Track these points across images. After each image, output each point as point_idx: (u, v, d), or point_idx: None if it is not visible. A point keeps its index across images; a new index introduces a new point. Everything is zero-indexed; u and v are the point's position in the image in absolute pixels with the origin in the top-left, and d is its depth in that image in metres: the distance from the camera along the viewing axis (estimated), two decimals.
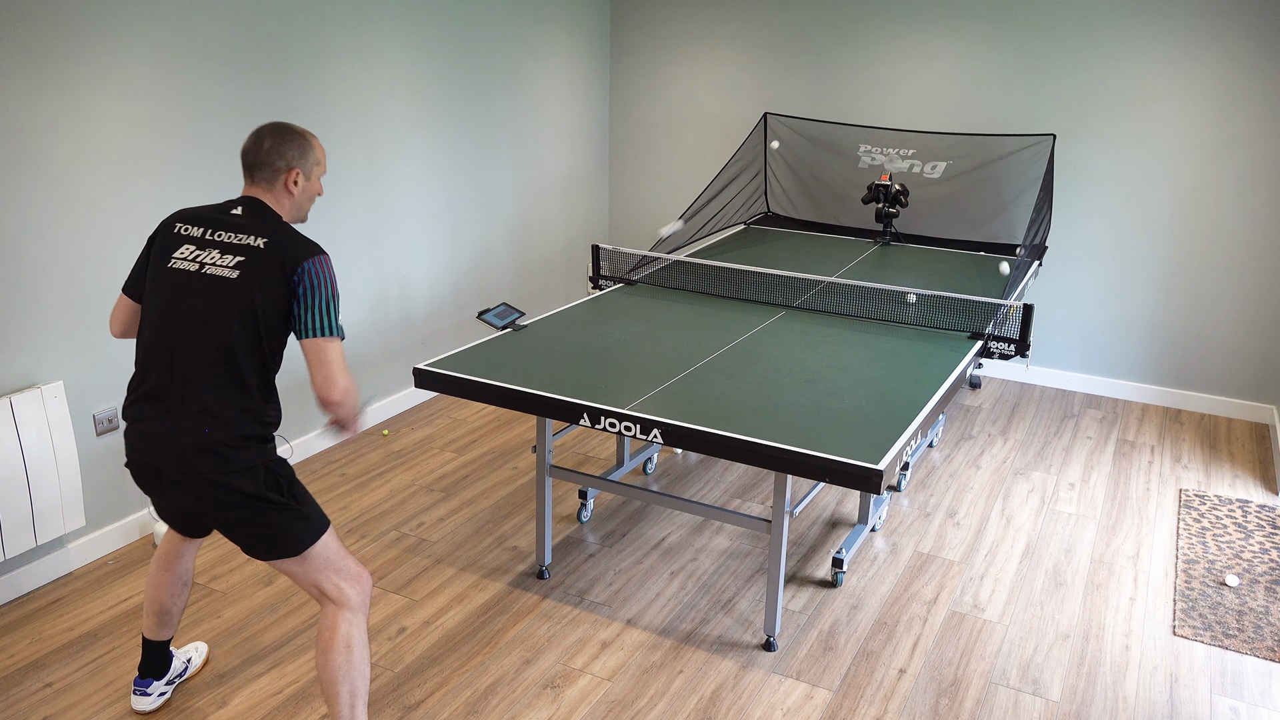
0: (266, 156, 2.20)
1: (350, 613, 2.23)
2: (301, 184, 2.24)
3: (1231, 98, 4.35)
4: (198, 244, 2.17)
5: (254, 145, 2.21)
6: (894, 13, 4.91)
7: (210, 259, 2.14)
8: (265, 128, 2.23)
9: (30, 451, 2.97)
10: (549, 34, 5.15)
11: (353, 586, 2.25)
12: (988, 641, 2.93)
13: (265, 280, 2.10)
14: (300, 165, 2.23)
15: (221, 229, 2.18)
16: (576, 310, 3.53)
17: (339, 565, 2.24)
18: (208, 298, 2.12)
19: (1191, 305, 4.64)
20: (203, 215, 2.22)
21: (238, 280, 2.11)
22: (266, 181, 2.21)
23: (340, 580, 2.24)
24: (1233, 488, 3.95)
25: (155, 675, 2.57)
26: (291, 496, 2.19)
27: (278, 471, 2.18)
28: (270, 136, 2.21)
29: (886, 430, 2.57)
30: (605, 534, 3.51)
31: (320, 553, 2.22)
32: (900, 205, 4.66)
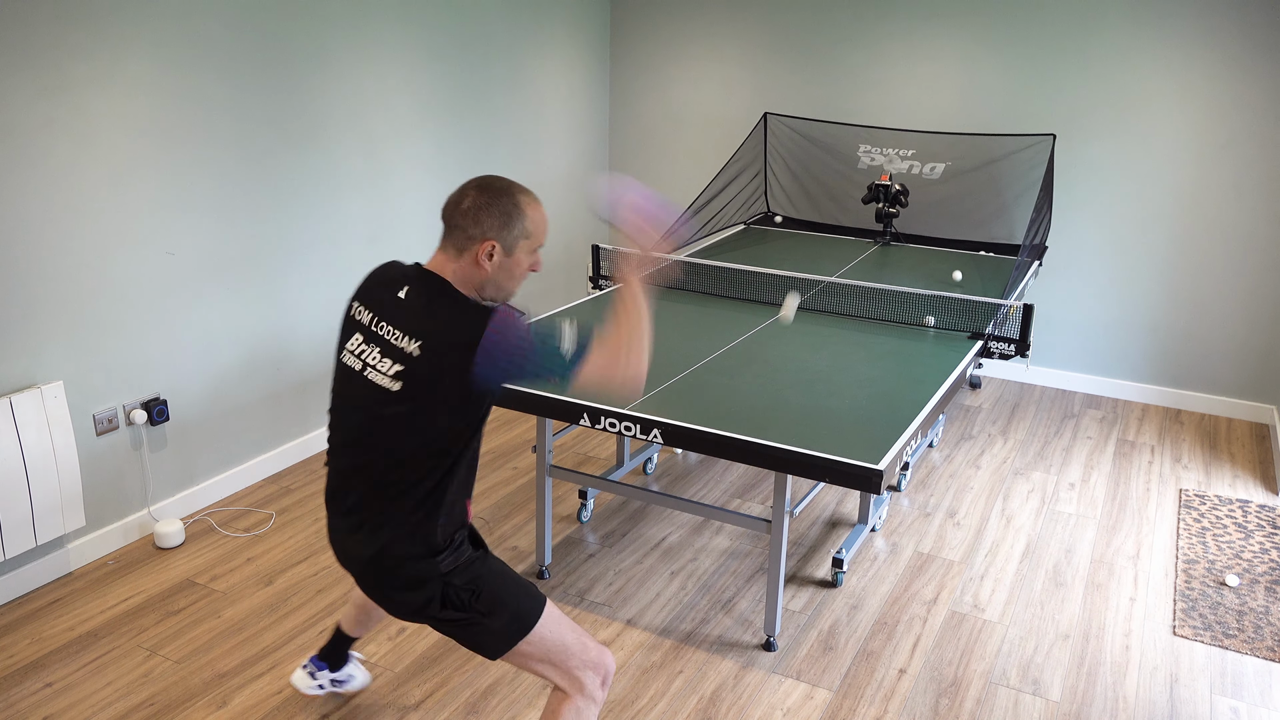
0: (462, 220, 1.85)
1: (582, 699, 2.01)
2: (498, 259, 1.86)
3: (1231, 98, 4.35)
4: (365, 335, 1.89)
5: (454, 202, 1.88)
6: (894, 13, 4.91)
7: (372, 359, 1.86)
8: (474, 183, 1.87)
9: (30, 451, 2.97)
10: (549, 34, 5.15)
11: (588, 672, 2.01)
12: (988, 641, 2.93)
13: (435, 395, 1.80)
14: (499, 238, 1.85)
15: (387, 320, 1.86)
16: (576, 310, 3.53)
17: (564, 654, 1.99)
18: (368, 406, 1.85)
19: (1191, 305, 4.64)
20: (375, 296, 1.91)
21: (400, 395, 1.82)
22: (455, 248, 1.87)
23: (573, 668, 2.00)
24: (1233, 488, 3.95)
25: (330, 664, 2.48)
26: (475, 609, 1.94)
27: (457, 584, 1.93)
28: (474, 196, 1.86)
29: (886, 430, 2.57)
30: (605, 534, 3.51)
31: (529, 652, 1.98)
32: (900, 205, 4.66)
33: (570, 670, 2.00)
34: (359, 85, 4.03)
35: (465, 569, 1.95)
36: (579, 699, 2.01)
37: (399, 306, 1.87)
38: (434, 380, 1.80)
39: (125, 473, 3.36)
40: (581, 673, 2.01)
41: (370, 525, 1.90)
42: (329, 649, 2.51)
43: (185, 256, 3.43)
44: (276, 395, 3.88)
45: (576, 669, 2.01)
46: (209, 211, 3.49)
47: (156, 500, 3.49)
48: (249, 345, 3.71)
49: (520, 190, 1.89)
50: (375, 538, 1.90)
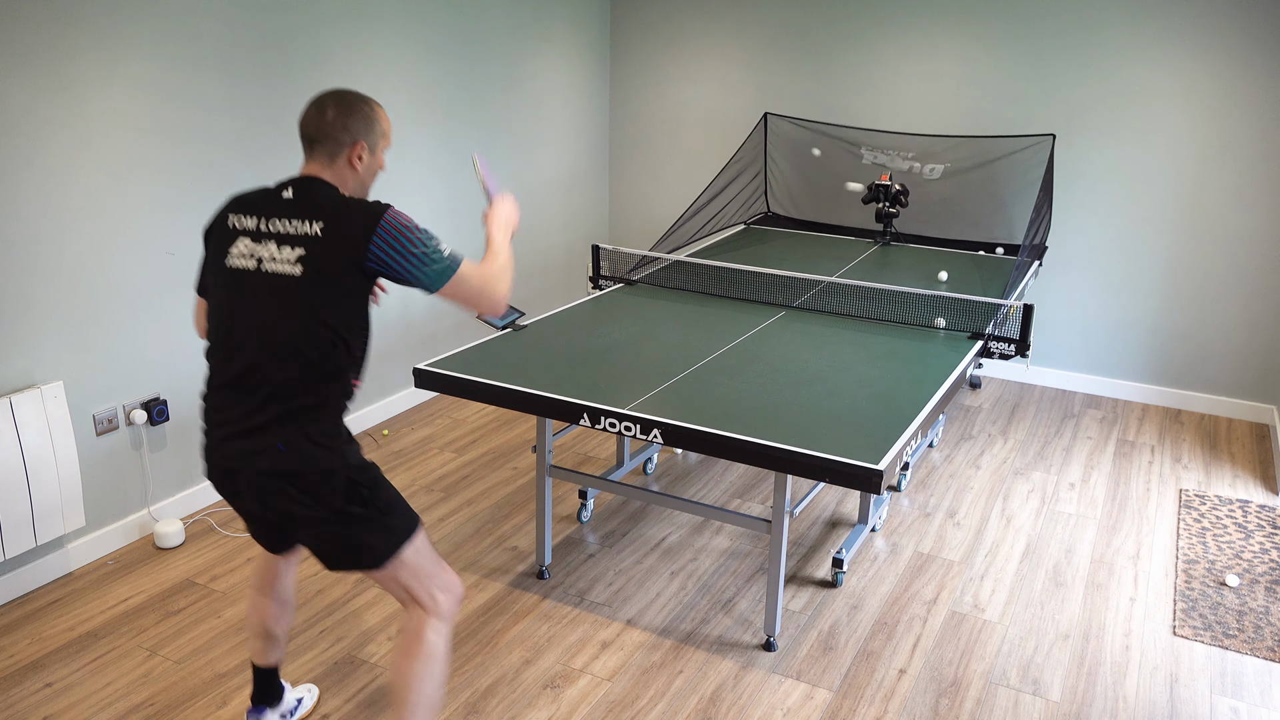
0: (330, 129, 2.01)
1: (439, 621, 2.11)
2: (366, 159, 2.06)
3: (1232, 98, 4.35)
4: (253, 237, 1.98)
5: (315, 116, 2.02)
6: (894, 13, 4.91)
7: (269, 254, 1.96)
8: (327, 95, 2.03)
9: (30, 451, 2.97)
10: (549, 33, 5.15)
11: (444, 594, 2.12)
12: (988, 641, 2.93)
13: (334, 271, 1.92)
14: (366, 139, 2.04)
15: (276, 216, 1.98)
16: (576, 310, 3.53)
17: (430, 571, 2.10)
18: (271, 298, 1.94)
19: (1191, 305, 4.64)
20: (254, 202, 2.02)
21: (303, 277, 1.93)
22: (328, 156, 2.02)
23: (432, 587, 2.10)
24: (1233, 488, 3.95)
25: (268, 703, 2.44)
26: (374, 507, 2.02)
27: (359, 480, 2.01)
28: (334, 106, 2.01)
29: (886, 430, 2.57)
30: (605, 534, 3.51)
31: (408, 560, 2.07)
32: (900, 205, 4.66)
33: (432, 589, 2.11)
34: (359, 84, 4.03)
35: (365, 467, 2.04)
36: (436, 619, 2.11)
37: (288, 203, 1.99)
38: (335, 258, 1.92)
39: (125, 473, 3.36)
40: (441, 593, 2.12)
41: (276, 420, 1.95)
42: (258, 690, 2.44)
43: (185, 256, 3.43)
44: None
45: (438, 588, 2.12)
46: (209, 211, 3.49)
47: (156, 500, 3.49)
48: None
49: (369, 98, 2.08)
50: (283, 430, 1.95)
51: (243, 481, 2.00)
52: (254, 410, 1.97)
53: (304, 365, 1.94)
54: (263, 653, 2.40)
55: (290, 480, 1.96)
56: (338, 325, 1.95)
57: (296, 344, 1.93)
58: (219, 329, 2.01)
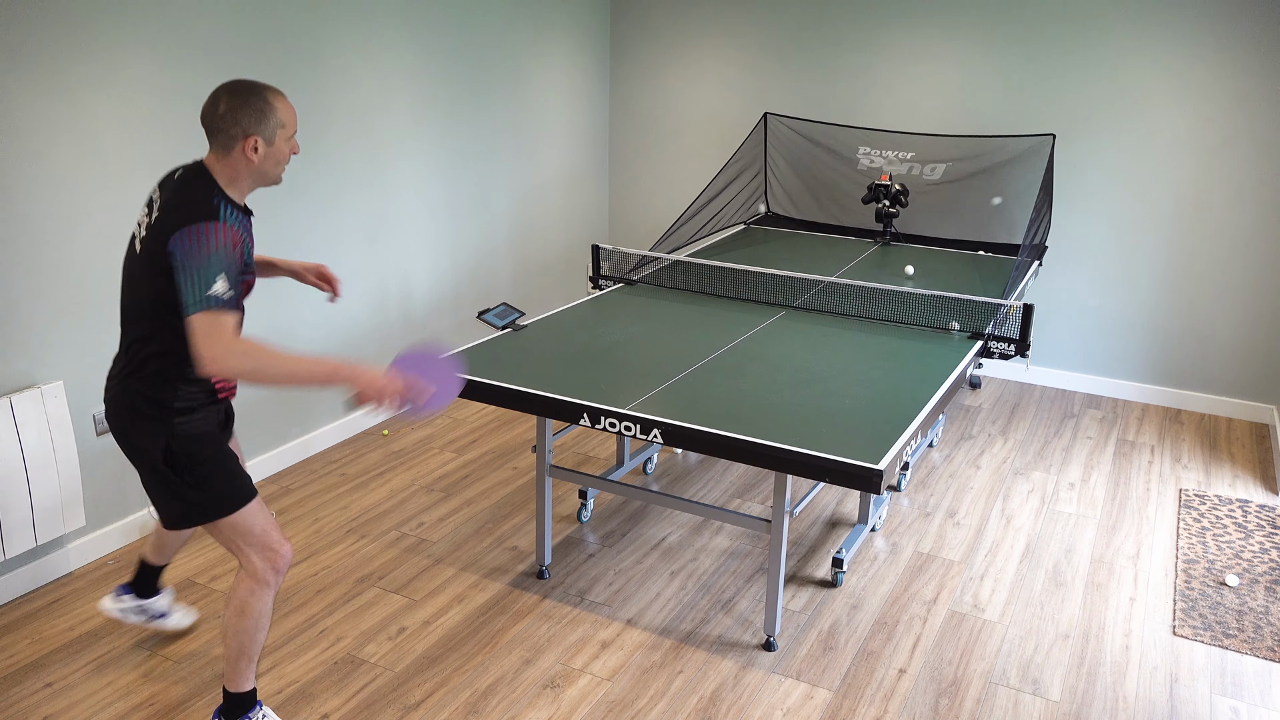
0: (221, 122, 2.10)
1: (254, 582, 2.30)
2: (263, 150, 2.14)
3: (1231, 98, 4.35)
4: (148, 209, 2.18)
5: (210, 109, 2.12)
6: (894, 13, 4.91)
7: (141, 228, 2.17)
8: (223, 87, 2.11)
9: (30, 451, 2.97)
10: (549, 34, 5.15)
11: (262, 558, 2.30)
12: (988, 641, 2.93)
13: (155, 256, 2.09)
14: (259, 132, 2.12)
15: (157, 199, 2.17)
16: (576, 310, 3.53)
17: (249, 540, 2.29)
18: (130, 267, 2.18)
19: (1191, 305, 4.64)
20: (166, 178, 2.21)
21: (140, 256, 2.14)
22: (222, 148, 2.13)
23: (251, 551, 2.30)
24: (1233, 488, 3.95)
25: (136, 592, 2.75)
26: (187, 478, 2.22)
27: (177, 450, 2.20)
28: (227, 99, 2.10)
29: (886, 430, 2.57)
30: (605, 534, 3.51)
31: (224, 528, 2.27)
32: (900, 205, 4.66)
33: (249, 553, 2.29)
34: (359, 85, 4.03)
35: (192, 440, 2.21)
36: (250, 580, 2.30)
37: (166, 186, 2.17)
38: (155, 243, 2.08)
39: (125, 473, 3.36)
40: (260, 556, 2.30)
41: (123, 374, 2.20)
42: (135, 578, 2.75)
43: None
44: (276, 395, 3.88)
45: (257, 552, 2.30)
46: None
47: None
48: None
49: (267, 88, 2.14)
50: (124, 384, 2.19)
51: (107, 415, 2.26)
52: (119, 359, 2.23)
53: (141, 335, 2.16)
54: (152, 548, 2.71)
55: (125, 425, 2.21)
56: (160, 302, 2.11)
57: (134, 314, 2.17)
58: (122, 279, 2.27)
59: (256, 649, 2.35)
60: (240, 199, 2.19)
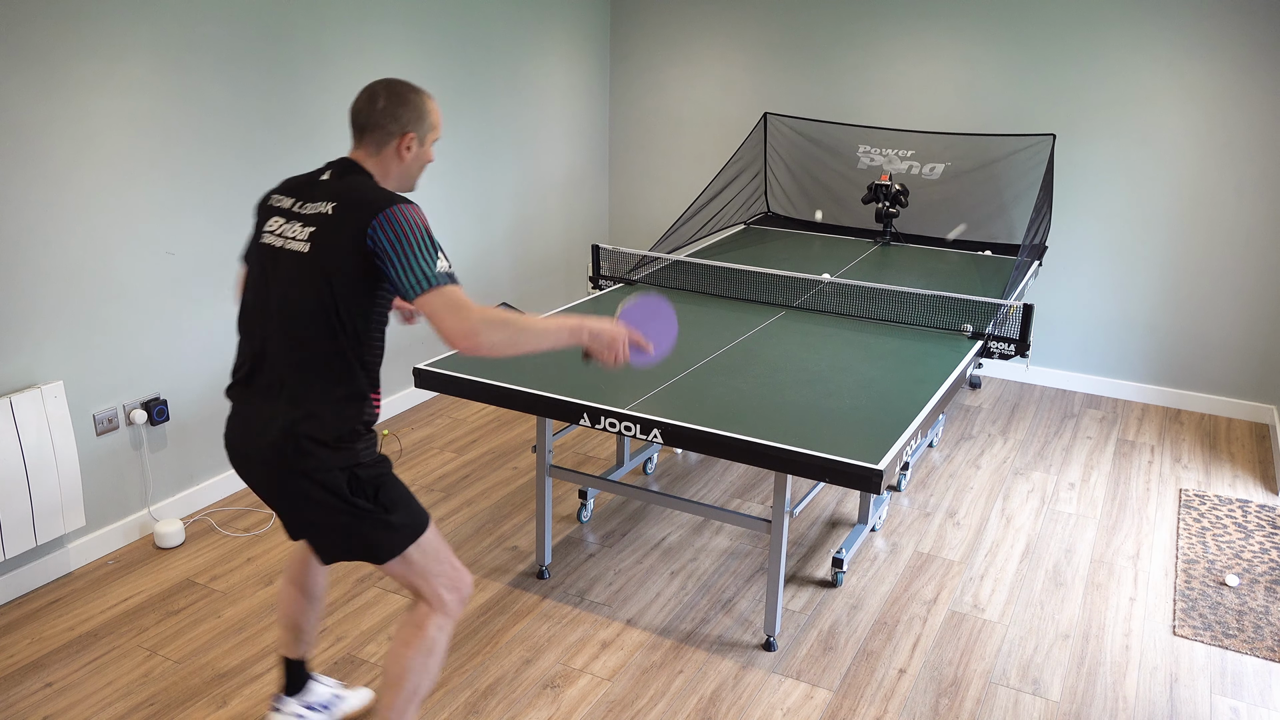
0: (380, 118, 2.01)
1: (442, 617, 2.12)
2: (415, 150, 2.06)
3: (1232, 98, 4.35)
4: (285, 216, 2.01)
5: (366, 104, 2.02)
6: (894, 13, 4.91)
7: (291, 233, 1.97)
8: (379, 85, 2.03)
9: (30, 451, 2.97)
10: (549, 34, 5.15)
11: (450, 589, 2.13)
12: (988, 641, 2.93)
13: (338, 251, 1.90)
14: (416, 130, 2.04)
15: (307, 198, 2.00)
16: (576, 310, 3.53)
17: (436, 570, 2.10)
18: (287, 278, 1.94)
19: (1191, 305, 4.64)
20: (295, 183, 2.06)
21: (309, 255, 1.92)
22: (375, 144, 2.03)
23: (438, 583, 2.11)
24: (1233, 488, 3.95)
25: (289, 692, 2.44)
26: (379, 504, 2.02)
27: (365, 477, 2.00)
28: (385, 96, 2.02)
29: (886, 430, 2.57)
30: (605, 534, 3.51)
31: (413, 559, 2.07)
32: (900, 205, 4.66)
33: (438, 588, 2.12)
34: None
35: (374, 465, 2.04)
36: (440, 616, 2.13)
37: (320, 185, 2.01)
38: (338, 236, 1.91)
39: (125, 473, 3.36)
40: (448, 591, 2.13)
41: (287, 401, 1.95)
42: (286, 682, 2.44)
43: (185, 256, 3.43)
44: None
45: (445, 587, 2.13)
46: (209, 211, 3.49)
47: (156, 500, 3.49)
48: None
49: (421, 89, 2.08)
50: (293, 412, 1.94)
51: (255, 464, 2.00)
52: (267, 391, 1.98)
53: (314, 350, 1.94)
54: (289, 645, 2.39)
55: (295, 468, 1.95)
56: (339, 307, 1.92)
57: (307, 326, 1.93)
58: (245, 306, 2.06)
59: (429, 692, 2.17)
60: None
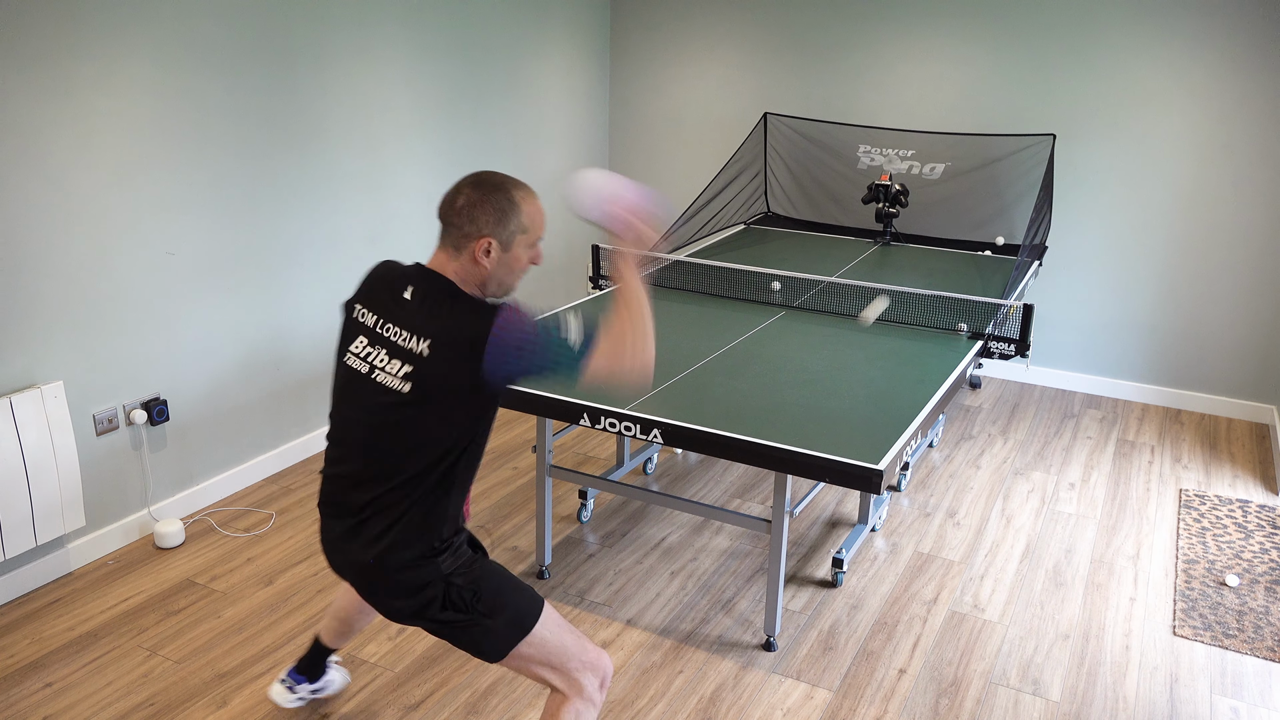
0: (457, 219, 1.85)
1: (584, 703, 2.00)
2: (496, 254, 1.86)
3: (1232, 98, 4.35)
4: (369, 337, 1.88)
5: (449, 201, 1.87)
6: (894, 13, 4.91)
7: (379, 361, 1.85)
8: (468, 180, 1.86)
9: (30, 451, 2.97)
10: (549, 34, 5.15)
11: (590, 674, 2.00)
12: (988, 641, 2.93)
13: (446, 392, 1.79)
14: (495, 234, 1.84)
15: (392, 321, 1.86)
16: (575, 311, 3.53)
17: (564, 656, 1.98)
18: (376, 408, 1.84)
19: (1191, 305, 4.64)
20: (377, 297, 1.91)
21: (410, 395, 1.81)
22: (453, 247, 1.87)
23: (572, 671, 1.99)
24: (1233, 488, 3.95)
25: (309, 677, 2.46)
26: (477, 611, 1.92)
27: (458, 584, 1.92)
28: (469, 193, 1.85)
29: (886, 430, 2.57)
30: (605, 534, 3.51)
31: (528, 654, 1.96)
32: (900, 205, 4.66)
33: (570, 672, 1.99)
34: (359, 85, 4.03)
35: (466, 570, 1.94)
36: (578, 701, 2.00)
37: (404, 307, 1.86)
38: (444, 380, 1.79)
39: (125, 473, 3.36)
40: (581, 675, 2.00)
41: (373, 528, 1.89)
42: (307, 661, 2.47)
43: (185, 256, 3.43)
44: (276, 395, 3.88)
45: (575, 671, 1.99)
46: (209, 211, 3.49)
47: (156, 500, 3.49)
48: (249, 345, 3.71)
49: (515, 185, 1.88)
50: (379, 541, 1.88)
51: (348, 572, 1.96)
52: (351, 513, 1.91)
53: (404, 482, 1.85)
54: (332, 634, 2.40)
55: (384, 590, 1.92)
56: (446, 443, 1.84)
57: (398, 461, 1.84)
58: (335, 420, 1.95)
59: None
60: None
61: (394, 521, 1.87)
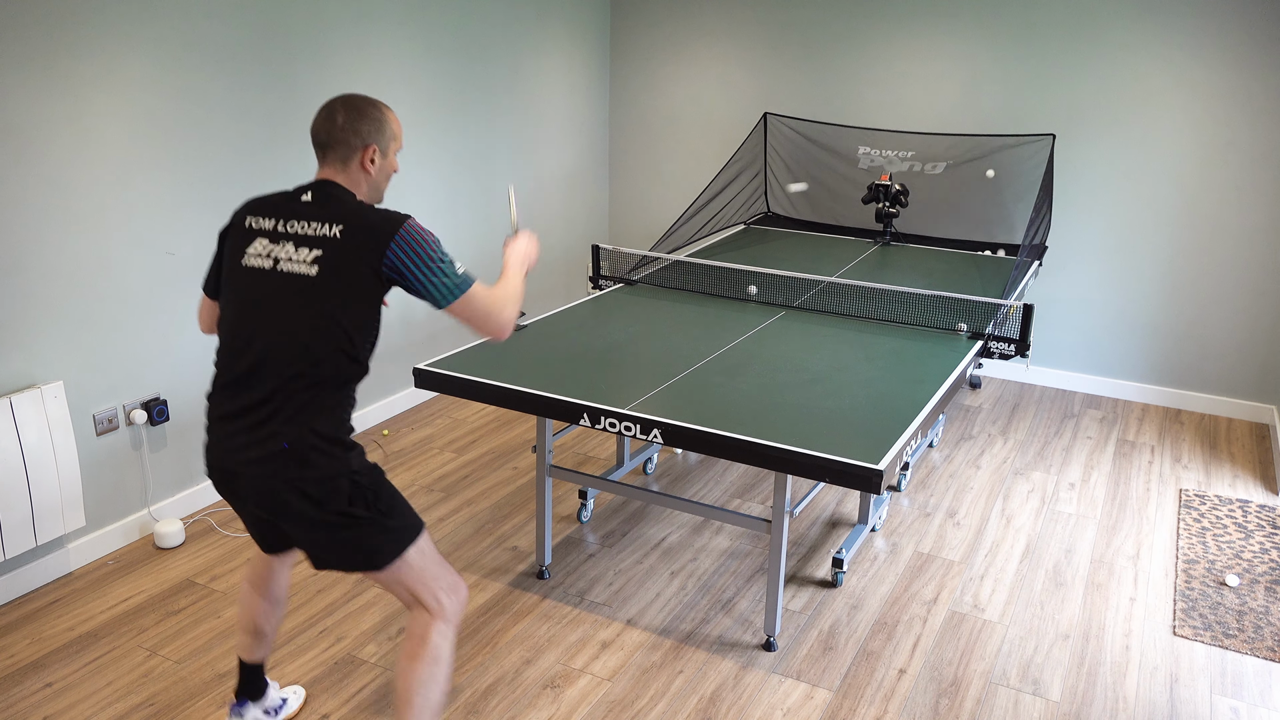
0: (340, 134, 2.04)
1: (444, 624, 2.12)
2: (379, 162, 2.09)
3: (1232, 98, 4.35)
4: (270, 238, 2.02)
5: (326, 122, 2.05)
6: (894, 13, 4.91)
7: (285, 254, 1.99)
8: (337, 101, 2.06)
9: (30, 451, 2.97)
10: (549, 34, 5.15)
11: (449, 596, 2.13)
12: (988, 641, 2.93)
13: (350, 274, 1.95)
14: (377, 141, 2.07)
15: (294, 218, 2.01)
16: (576, 310, 3.53)
17: (434, 573, 2.11)
18: (285, 298, 1.96)
19: (1191, 305, 4.64)
20: (273, 204, 2.06)
21: (318, 278, 1.95)
22: (340, 161, 2.06)
23: (438, 589, 2.11)
24: (1233, 488, 3.95)
25: (250, 697, 2.45)
26: (378, 510, 2.02)
27: (364, 483, 2.01)
28: (344, 111, 2.04)
29: (886, 430, 2.57)
30: (605, 534, 3.51)
31: (411, 563, 2.07)
32: (900, 205, 4.66)
33: (438, 592, 2.12)
34: (359, 84, 4.03)
35: (370, 471, 2.05)
36: (441, 622, 2.12)
37: (307, 206, 2.03)
38: (350, 263, 1.95)
39: (125, 473, 3.36)
40: (446, 596, 2.13)
41: (281, 418, 1.96)
42: (242, 685, 2.45)
43: (185, 256, 3.43)
44: None
45: (443, 591, 2.13)
46: (209, 211, 3.49)
47: (156, 500, 3.49)
48: None
49: (379, 101, 2.11)
50: (289, 428, 1.96)
51: (244, 482, 1.99)
52: (259, 407, 1.97)
53: (312, 365, 1.96)
54: (250, 649, 2.40)
55: (292, 481, 1.96)
56: (349, 328, 1.97)
57: (306, 343, 1.95)
58: (230, 327, 2.03)
59: (444, 702, 2.17)
60: None
61: (304, 405, 1.97)
